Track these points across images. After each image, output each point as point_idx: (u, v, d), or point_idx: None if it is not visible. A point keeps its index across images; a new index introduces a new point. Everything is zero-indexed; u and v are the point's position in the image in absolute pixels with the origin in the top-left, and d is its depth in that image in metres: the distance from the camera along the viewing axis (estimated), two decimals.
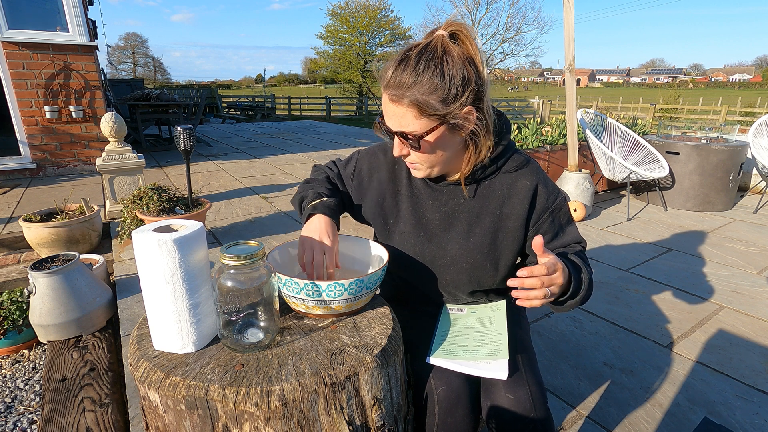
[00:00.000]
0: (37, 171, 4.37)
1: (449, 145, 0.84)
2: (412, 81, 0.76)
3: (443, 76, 0.76)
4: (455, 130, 0.82)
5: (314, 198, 0.95)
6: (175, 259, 0.66)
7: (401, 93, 0.77)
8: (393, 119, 0.81)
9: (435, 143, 0.82)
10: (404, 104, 0.78)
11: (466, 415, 0.84)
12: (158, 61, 68.58)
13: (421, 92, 0.76)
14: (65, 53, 4.22)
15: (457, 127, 0.81)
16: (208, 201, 2.53)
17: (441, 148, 0.84)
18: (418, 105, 0.77)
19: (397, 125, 0.81)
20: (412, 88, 0.76)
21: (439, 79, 0.75)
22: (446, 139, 0.82)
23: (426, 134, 0.80)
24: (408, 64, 0.77)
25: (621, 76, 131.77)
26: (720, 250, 2.82)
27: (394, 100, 0.79)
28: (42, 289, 1.69)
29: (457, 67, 0.76)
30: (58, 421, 1.32)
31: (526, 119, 4.65)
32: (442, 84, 0.76)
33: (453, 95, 0.77)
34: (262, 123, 12.03)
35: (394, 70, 0.78)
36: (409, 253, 0.97)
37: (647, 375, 1.57)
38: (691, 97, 30.00)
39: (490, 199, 0.94)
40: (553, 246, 0.96)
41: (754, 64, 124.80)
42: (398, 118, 0.80)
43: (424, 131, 0.79)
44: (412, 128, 0.79)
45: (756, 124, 3.95)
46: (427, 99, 0.76)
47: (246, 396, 0.62)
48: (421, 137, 0.80)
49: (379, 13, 28.15)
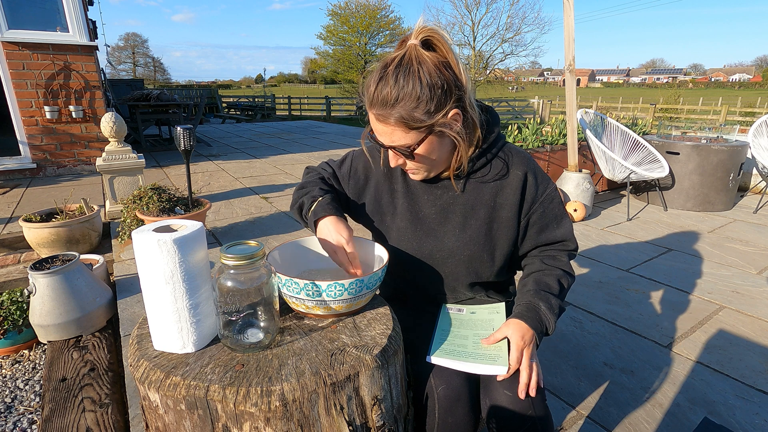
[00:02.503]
0: (37, 171, 4.37)
1: (441, 148, 0.87)
2: (395, 99, 0.77)
3: (423, 88, 0.77)
4: (444, 135, 0.84)
5: (311, 203, 0.95)
6: (175, 259, 0.66)
7: (386, 112, 0.79)
8: (383, 136, 0.84)
9: (427, 151, 0.85)
10: (391, 123, 0.80)
11: (466, 414, 0.84)
12: (158, 61, 68.58)
13: (405, 109, 0.78)
14: (65, 53, 4.22)
15: (445, 132, 0.83)
16: (208, 201, 2.53)
17: (434, 153, 0.86)
18: (404, 121, 0.79)
19: (388, 141, 0.84)
20: (396, 107, 0.78)
21: (420, 91, 0.77)
22: (437, 144, 0.85)
23: (417, 145, 0.82)
24: (387, 81, 0.78)
25: (621, 76, 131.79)
26: (720, 250, 2.82)
27: (381, 120, 0.81)
28: (42, 289, 1.69)
29: (435, 76, 0.77)
30: (58, 421, 1.32)
31: (526, 119, 4.65)
32: (423, 97, 0.77)
33: (436, 105, 0.78)
34: (262, 123, 12.03)
35: (375, 87, 0.79)
36: (407, 249, 0.98)
37: (647, 375, 1.57)
38: (691, 97, 30.01)
39: (484, 190, 0.95)
40: (537, 241, 0.98)
41: (754, 64, 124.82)
42: (388, 135, 0.82)
43: (414, 143, 0.82)
44: (403, 142, 0.82)
45: (756, 124, 3.95)
46: (412, 114, 0.78)
47: (246, 396, 0.62)
48: (412, 149, 0.83)
49: (379, 14, 28.13)
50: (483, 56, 24.54)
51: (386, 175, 1.01)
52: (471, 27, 24.12)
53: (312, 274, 0.97)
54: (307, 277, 0.89)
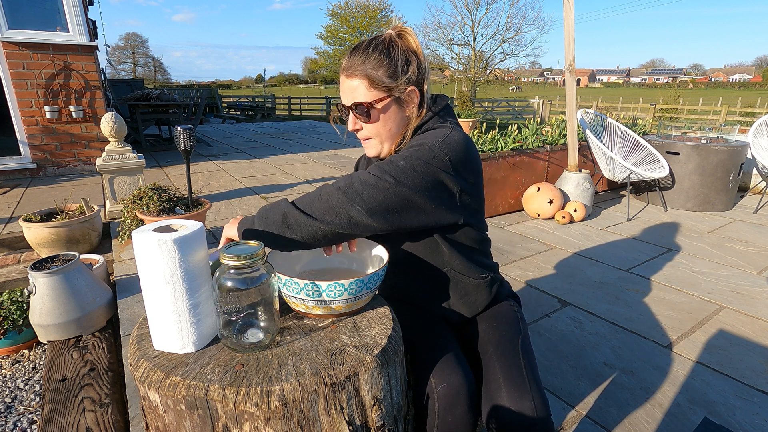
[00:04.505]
0: (37, 171, 4.37)
1: (395, 118, 0.95)
2: (363, 59, 0.90)
3: (389, 56, 0.90)
4: (401, 106, 0.94)
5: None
6: (175, 259, 0.66)
7: (354, 68, 0.91)
8: (347, 93, 0.93)
9: (383, 114, 0.93)
10: (357, 76, 0.91)
11: (465, 413, 0.84)
12: (158, 61, 68.58)
13: (370, 66, 0.90)
14: (65, 53, 4.22)
15: (403, 103, 0.94)
16: (208, 201, 2.53)
17: (389, 121, 0.94)
18: (368, 77, 0.90)
19: (350, 98, 0.93)
20: (363, 64, 0.90)
21: (386, 57, 0.90)
22: (392, 112, 0.94)
23: (375, 102, 0.91)
24: (359, 49, 0.92)
25: (621, 77, 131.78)
26: (720, 250, 2.82)
27: (348, 75, 0.92)
28: (42, 289, 1.69)
29: (400, 52, 0.91)
30: (58, 421, 1.32)
31: (526, 119, 4.65)
32: (388, 62, 0.90)
33: (398, 71, 0.91)
34: (262, 123, 12.03)
35: (349, 55, 0.93)
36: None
37: (647, 375, 1.57)
38: (691, 98, 30.00)
39: None
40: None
41: (754, 65, 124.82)
42: (351, 91, 0.92)
43: (373, 100, 0.91)
44: (364, 98, 0.91)
45: (756, 124, 3.95)
46: (376, 72, 0.90)
47: (246, 396, 0.62)
48: (371, 105, 0.91)
49: (379, 13, 28.16)
50: (483, 56, 24.52)
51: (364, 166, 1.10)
52: (471, 27, 24.10)
53: (312, 274, 0.97)
54: (307, 277, 0.89)
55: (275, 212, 0.83)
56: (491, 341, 0.97)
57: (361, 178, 0.83)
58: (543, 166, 3.77)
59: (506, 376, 0.88)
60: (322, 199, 0.82)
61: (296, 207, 0.83)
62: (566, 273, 2.43)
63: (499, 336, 0.98)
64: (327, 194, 0.83)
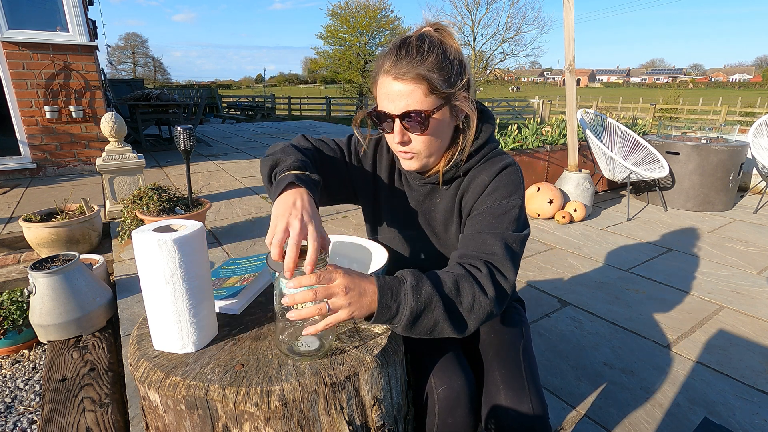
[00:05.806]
0: (37, 171, 4.37)
1: (447, 130, 0.85)
2: (419, 60, 0.75)
3: (446, 57, 0.77)
4: (454, 116, 0.84)
5: (294, 167, 0.80)
6: (175, 259, 0.66)
7: (408, 70, 0.75)
8: (398, 100, 0.77)
9: (439, 125, 0.81)
10: (412, 81, 0.76)
11: (465, 415, 0.84)
12: (158, 61, 68.62)
13: (428, 68, 0.75)
14: (65, 53, 4.22)
15: (456, 113, 0.83)
16: (208, 201, 2.53)
17: (441, 132, 0.83)
18: (427, 80, 0.75)
19: (402, 106, 0.77)
20: (420, 66, 0.75)
21: (443, 59, 0.77)
22: (446, 124, 0.83)
23: (434, 112, 0.78)
24: (411, 47, 0.77)
25: (621, 76, 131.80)
26: (720, 250, 2.82)
27: (400, 78, 0.76)
28: (42, 289, 1.69)
29: (455, 52, 0.79)
30: (58, 421, 1.32)
31: (526, 119, 4.65)
32: (446, 64, 0.77)
33: (455, 76, 0.79)
34: (262, 123, 12.03)
35: (396, 54, 0.77)
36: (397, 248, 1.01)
37: (647, 375, 1.57)
38: (691, 98, 30.00)
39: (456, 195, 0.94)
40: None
41: (754, 64, 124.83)
42: (404, 97, 0.77)
43: (432, 109, 0.78)
44: (420, 106, 0.77)
45: (756, 124, 3.95)
46: (435, 75, 0.76)
47: (246, 396, 0.62)
48: (429, 115, 0.78)
49: (379, 13, 28.15)
50: (483, 56, 24.54)
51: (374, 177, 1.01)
52: (471, 27, 24.13)
53: None
54: None
55: (429, 321, 0.71)
56: (492, 344, 0.97)
57: (513, 252, 0.79)
58: (543, 166, 3.77)
59: (505, 379, 0.87)
60: (474, 310, 0.73)
61: (447, 315, 0.71)
62: (566, 273, 2.43)
63: (501, 340, 0.97)
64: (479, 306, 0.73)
